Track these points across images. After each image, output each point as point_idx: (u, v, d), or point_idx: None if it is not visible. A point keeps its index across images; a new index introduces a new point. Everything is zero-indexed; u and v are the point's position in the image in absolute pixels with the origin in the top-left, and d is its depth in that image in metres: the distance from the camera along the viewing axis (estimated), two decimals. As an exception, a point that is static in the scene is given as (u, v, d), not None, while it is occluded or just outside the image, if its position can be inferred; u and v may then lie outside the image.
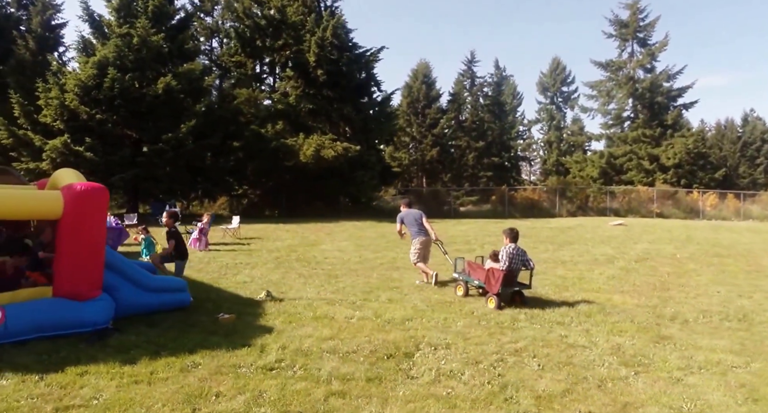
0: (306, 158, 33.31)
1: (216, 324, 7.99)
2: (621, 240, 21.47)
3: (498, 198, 43.32)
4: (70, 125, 28.74)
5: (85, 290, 7.41)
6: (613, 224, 28.81)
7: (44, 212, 7.35)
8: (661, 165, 45.39)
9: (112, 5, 32.02)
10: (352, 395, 5.46)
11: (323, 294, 10.55)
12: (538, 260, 15.56)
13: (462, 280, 10.88)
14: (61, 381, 5.59)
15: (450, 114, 61.90)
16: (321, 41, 36.47)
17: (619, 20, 51.35)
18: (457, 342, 7.38)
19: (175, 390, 5.42)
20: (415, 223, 12.26)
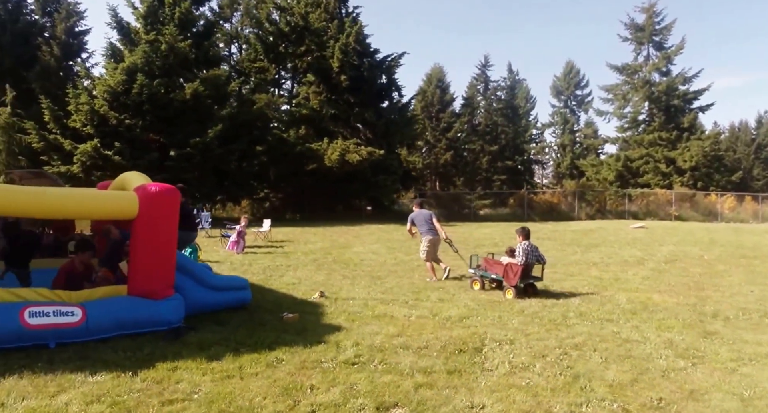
0: (331, 163, 33.75)
1: (282, 323, 8.29)
2: (646, 242, 21.70)
3: (517, 201, 43.51)
4: (100, 130, 29.26)
5: (159, 288, 7.66)
6: (634, 226, 29.01)
7: (121, 213, 7.57)
8: (678, 168, 45.49)
9: (138, 12, 32.54)
10: (438, 386, 5.77)
11: (373, 294, 10.87)
12: (569, 262, 16.01)
13: (478, 275, 11.70)
14: (155, 377, 5.81)
15: (463, 118, 62.17)
16: (345, 47, 36.94)
17: (634, 24, 51.49)
18: (519, 337, 7.72)
19: (269, 384, 5.69)
20: (426, 223, 13.09)
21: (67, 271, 8.10)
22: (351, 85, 37.98)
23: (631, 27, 51.64)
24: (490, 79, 67.29)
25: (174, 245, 7.95)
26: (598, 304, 10.19)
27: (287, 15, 39.88)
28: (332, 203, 38.31)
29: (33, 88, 36.44)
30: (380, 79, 40.98)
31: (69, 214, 7.97)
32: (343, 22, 39.95)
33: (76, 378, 5.68)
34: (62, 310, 6.87)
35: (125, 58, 30.62)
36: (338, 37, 37.69)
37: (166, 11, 32.32)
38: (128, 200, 7.47)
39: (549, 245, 20.64)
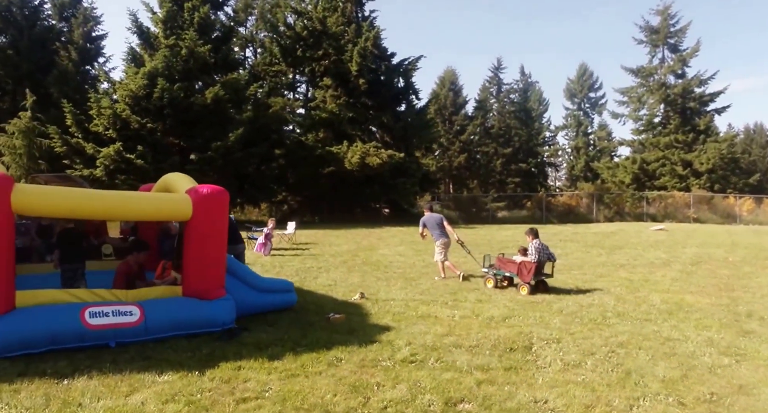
0: (351, 166, 33.94)
1: (330, 323, 8.42)
2: (668, 245, 21.73)
3: (535, 204, 43.54)
4: (122, 134, 29.59)
5: (212, 289, 7.81)
6: (654, 229, 28.99)
7: (177, 214, 7.73)
8: (695, 170, 45.32)
9: (157, 17, 32.83)
10: (498, 382, 5.95)
11: (411, 295, 10.99)
12: (596, 264, 16.12)
13: (491, 274, 12.23)
14: (222, 376, 5.93)
15: (476, 120, 62.25)
16: (363, 51, 37.16)
17: (649, 26, 51.36)
18: (564, 336, 7.89)
19: (335, 382, 5.83)
20: (437, 226, 13.56)
21: (125, 272, 8.24)
22: (369, 88, 38.24)
23: (645, 29, 51.51)
24: (503, 81, 67.44)
25: (225, 246, 8.09)
26: (633, 305, 10.34)
27: (305, 19, 40.06)
28: (351, 206, 38.47)
29: (51, 93, 36.81)
30: (398, 83, 41.17)
31: (128, 216, 8.12)
32: (361, 26, 40.15)
33: (145, 378, 5.81)
34: (121, 310, 7.02)
35: (146, 63, 30.90)
36: (356, 41, 37.87)
37: (185, 16, 32.56)
38: (183, 202, 7.60)
39: (572, 247, 20.75)
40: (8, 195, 6.38)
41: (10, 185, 6.42)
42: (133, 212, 7.71)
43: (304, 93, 45.79)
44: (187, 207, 7.59)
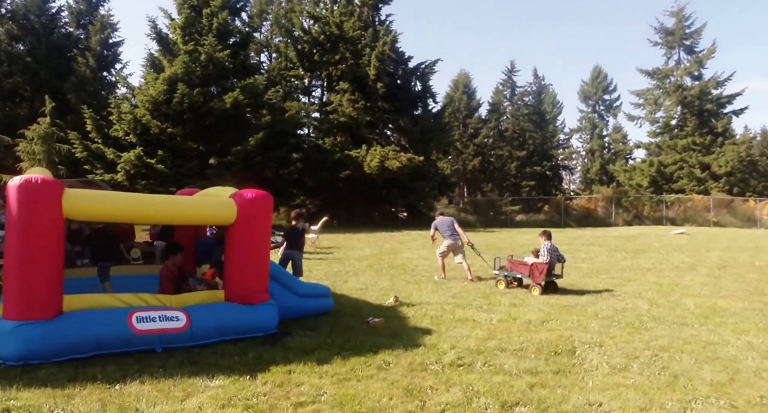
0: (371, 169, 33.98)
1: (370, 327, 8.45)
2: (692, 249, 21.63)
3: (553, 207, 43.44)
4: (142, 139, 29.80)
5: (256, 293, 7.81)
6: (675, 233, 28.81)
7: (222, 219, 7.72)
8: (713, 173, 44.99)
9: (176, 23, 33.07)
10: (549, 385, 5.97)
11: (444, 299, 11.01)
12: (622, 268, 16.10)
13: (502, 275, 12.68)
14: (274, 380, 5.93)
15: (490, 124, 62.24)
16: (381, 55, 37.23)
17: (664, 28, 51.17)
18: (605, 340, 7.88)
19: (388, 386, 5.85)
20: (448, 229, 14.13)
21: (169, 277, 8.28)
22: (387, 92, 38.32)
23: (660, 31, 51.30)
24: (516, 84, 67.40)
25: (268, 250, 8.13)
26: (667, 309, 10.33)
27: (322, 24, 40.18)
28: (368, 210, 38.53)
29: (68, 99, 37.10)
30: (415, 87, 41.23)
31: (175, 220, 8.16)
32: (377, 30, 40.28)
33: (197, 383, 5.83)
34: (168, 315, 7.03)
35: (165, 69, 31.11)
36: (373, 45, 37.99)
37: (203, 22, 32.76)
38: (227, 206, 7.65)
39: (596, 251, 20.68)
40: (60, 200, 6.44)
41: (61, 190, 6.49)
42: (179, 216, 7.77)
43: (319, 97, 45.89)
44: (232, 211, 7.62)
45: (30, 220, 6.33)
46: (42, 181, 6.41)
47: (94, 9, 44.89)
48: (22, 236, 6.34)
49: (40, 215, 6.36)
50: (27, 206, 6.31)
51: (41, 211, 6.37)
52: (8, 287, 6.42)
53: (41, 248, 6.39)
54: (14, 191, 6.31)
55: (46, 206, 6.39)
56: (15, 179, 6.42)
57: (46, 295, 6.42)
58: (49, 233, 6.42)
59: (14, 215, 6.36)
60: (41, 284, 6.37)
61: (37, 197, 6.35)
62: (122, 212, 7.23)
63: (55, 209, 6.42)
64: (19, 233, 6.34)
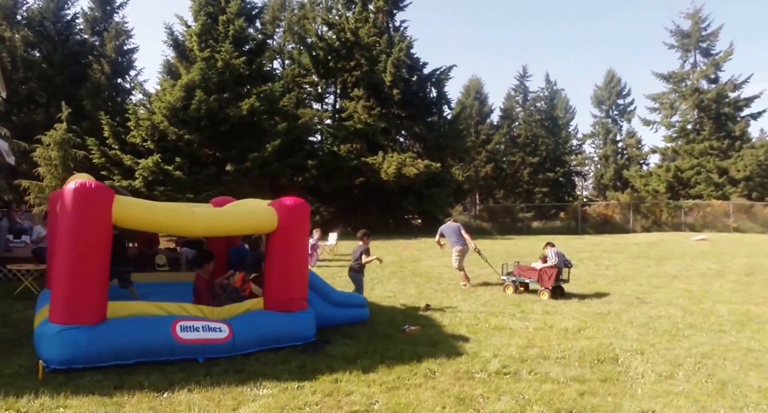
0: (388, 176, 33.96)
1: (407, 335, 8.38)
2: (716, 255, 21.40)
3: (571, 214, 43.23)
4: (160, 145, 29.89)
5: (295, 301, 7.78)
6: (696, 239, 28.51)
7: (263, 227, 7.72)
8: (731, 178, 44.38)
9: (192, 30, 33.19)
10: (599, 393, 5.94)
11: (475, 307, 10.97)
12: (648, 275, 16.02)
13: (510, 281, 13.05)
14: (323, 389, 5.87)
15: (502, 130, 62.12)
16: (397, 61, 37.26)
17: (680, 31, 50.70)
18: (646, 348, 7.85)
19: (438, 394, 5.79)
20: (454, 234, 14.26)
21: (205, 287, 8.25)
22: (402, 98, 38.30)
23: (676, 34, 50.82)
24: (528, 89, 67.24)
25: (307, 258, 8.10)
26: (701, 316, 10.28)
27: (337, 30, 40.26)
28: (383, 217, 38.48)
29: (84, 106, 37.29)
30: (430, 93, 41.21)
31: (219, 230, 8.12)
32: (392, 36, 40.35)
33: (246, 391, 5.77)
34: (211, 326, 7.02)
35: (182, 75, 31.22)
36: (389, 51, 38.02)
37: (219, 29, 32.85)
38: (268, 214, 7.64)
39: (619, 258, 20.52)
40: (110, 206, 6.48)
41: (112, 196, 6.53)
42: (223, 225, 7.75)
43: (332, 104, 45.93)
44: (273, 219, 7.60)
45: (82, 225, 6.37)
46: (96, 186, 6.47)
47: (109, 16, 45.10)
48: (74, 240, 6.36)
49: (91, 221, 6.41)
50: (80, 210, 6.36)
51: (93, 216, 6.42)
52: (56, 291, 6.44)
53: (91, 254, 6.41)
54: (68, 195, 6.36)
55: (98, 211, 6.44)
56: (71, 183, 6.48)
57: (93, 300, 6.45)
58: (99, 238, 6.45)
59: (67, 219, 6.41)
60: (89, 289, 6.40)
61: (90, 203, 6.40)
62: (168, 222, 7.26)
63: (106, 215, 6.47)
64: (71, 237, 6.38)
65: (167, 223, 7.28)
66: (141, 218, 6.97)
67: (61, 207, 6.47)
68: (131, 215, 6.78)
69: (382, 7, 40.63)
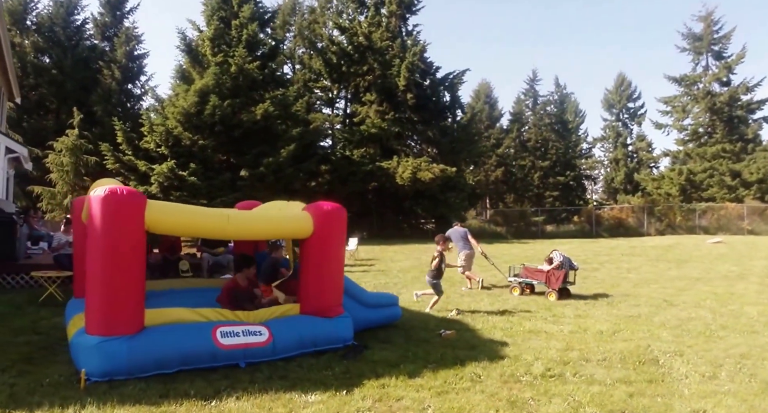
0: (403, 181, 33.98)
1: (443, 339, 8.35)
2: (734, 258, 21.31)
3: (585, 217, 43.15)
4: (174, 151, 29.95)
5: (332, 306, 7.73)
6: (712, 242, 28.38)
7: (298, 232, 7.63)
8: (744, 181, 44.19)
9: (204, 35, 33.27)
10: (647, 394, 5.92)
11: (505, 310, 10.96)
12: (671, 278, 16.02)
13: (517, 282, 13.48)
14: (371, 395, 5.78)
15: (512, 134, 62.07)
16: (411, 65, 37.32)
17: (692, 33, 50.64)
18: (683, 349, 7.85)
19: (489, 398, 5.75)
20: (461, 239, 14.80)
21: (231, 288, 8.23)
22: (416, 103, 38.35)
23: (688, 37, 50.75)
24: (538, 93, 67.13)
25: (343, 262, 8.07)
26: (731, 318, 10.29)
27: (350, 34, 40.34)
28: (398, 221, 38.46)
29: (94, 111, 37.48)
30: (443, 97, 41.23)
31: (254, 234, 8.10)
32: (405, 40, 40.45)
33: (295, 398, 5.67)
34: (251, 330, 6.93)
35: (196, 80, 31.31)
36: (403, 55, 38.11)
37: (232, 33, 32.93)
38: (304, 219, 7.58)
39: (638, 261, 20.44)
40: (143, 213, 6.32)
41: (144, 201, 6.37)
42: (258, 229, 7.66)
43: (343, 108, 45.97)
44: (308, 224, 7.55)
45: (115, 232, 6.15)
46: (128, 192, 6.28)
47: (119, 21, 45.38)
48: (107, 248, 6.16)
49: (125, 228, 6.20)
50: (113, 217, 6.14)
51: (126, 223, 6.22)
52: (91, 301, 6.27)
53: (126, 262, 6.23)
54: (98, 203, 6.14)
55: (131, 217, 6.24)
56: (98, 190, 6.25)
57: (130, 310, 6.28)
58: (133, 245, 6.27)
59: (98, 227, 6.17)
60: (126, 298, 6.23)
61: (123, 209, 6.19)
62: (202, 226, 7.15)
63: (139, 221, 6.29)
64: (104, 245, 6.17)
65: (201, 227, 7.15)
66: (174, 223, 6.81)
67: (91, 215, 6.26)
68: (164, 220, 6.63)
69: (395, 11, 40.76)
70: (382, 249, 26.11)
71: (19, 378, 6.07)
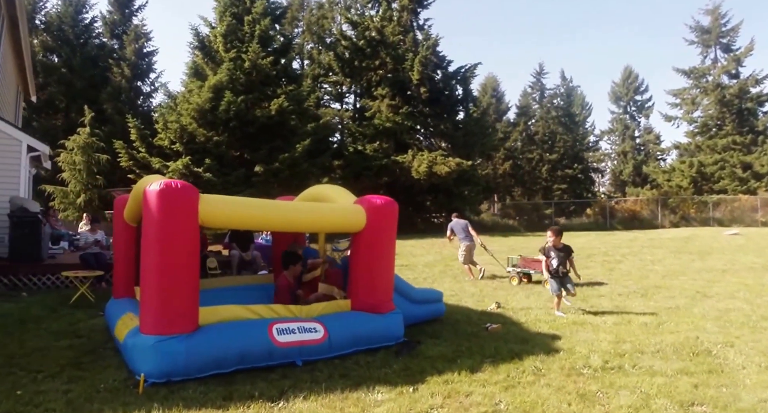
0: (419, 175, 33.99)
1: (490, 333, 8.35)
2: (755, 249, 21.20)
3: (598, 210, 43.10)
4: (189, 147, 29.94)
5: (384, 302, 7.69)
6: (729, 234, 28.25)
7: (351, 225, 7.56)
8: (755, 172, 44.11)
9: (217, 31, 33.23)
10: (711, 385, 5.92)
11: (542, 303, 10.95)
12: (697, 269, 16.09)
13: (515, 272, 14.14)
14: (440, 391, 5.70)
15: (519, 127, 62.05)
16: (425, 59, 37.28)
17: (700, 26, 50.72)
18: (732, 340, 7.85)
19: (557, 391, 5.74)
20: (462, 231, 15.30)
21: (286, 286, 8.23)
22: (429, 97, 38.35)
23: (696, 30, 50.81)
24: (545, 87, 67.07)
25: (394, 258, 8.03)
26: (767, 309, 10.25)
27: (362, 29, 40.32)
28: (412, 216, 38.38)
29: (104, 109, 37.55)
30: (456, 91, 41.21)
31: (307, 227, 8.09)
32: (417, 34, 40.50)
33: (362, 397, 5.58)
34: (306, 326, 6.83)
35: (209, 77, 31.29)
36: (416, 49, 38.11)
37: (245, 29, 32.88)
38: (357, 213, 7.52)
39: (660, 253, 20.37)
40: (196, 206, 6.21)
41: (197, 196, 6.26)
42: (312, 223, 7.61)
43: (353, 103, 45.93)
44: (361, 218, 7.50)
45: (171, 227, 6.05)
46: (182, 185, 6.16)
47: (128, 19, 45.55)
48: (162, 244, 6.04)
49: (180, 222, 6.10)
50: (168, 212, 6.05)
51: (182, 217, 6.11)
52: (146, 300, 6.15)
53: (182, 258, 6.12)
54: (154, 197, 6.03)
55: (185, 212, 6.12)
56: (154, 185, 6.13)
57: (187, 308, 6.19)
58: (188, 241, 6.17)
59: (153, 223, 6.07)
60: (182, 296, 6.12)
61: (178, 203, 6.10)
62: (256, 218, 7.03)
63: (193, 215, 6.18)
64: (159, 241, 6.05)
65: (255, 219, 7.02)
66: (227, 216, 6.69)
67: (147, 209, 6.15)
68: (218, 213, 6.50)
69: (407, 6, 40.68)
70: (399, 244, 25.72)
71: (72, 384, 5.91)
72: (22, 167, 15.75)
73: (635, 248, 22.11)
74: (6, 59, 17.77)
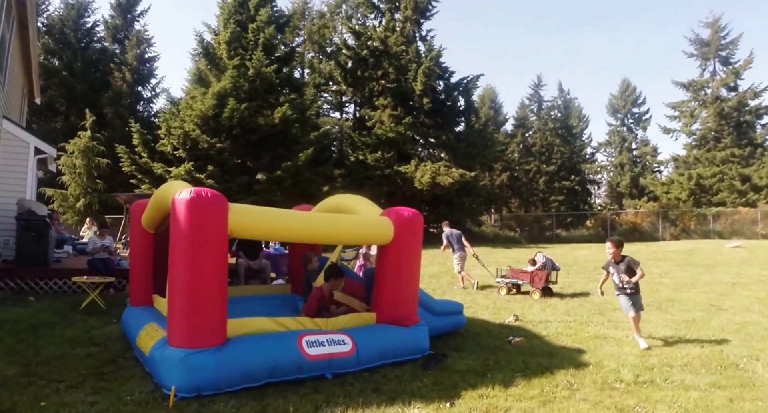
0: (422, 186, 33.94)
1: (514, 347, 8.31)
2: (760, 262, 21.22)
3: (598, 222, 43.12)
4: (191, 154, 29.82)
5: (409, 315, 7.64)
6: (732, 246, 28.30)
7: (378, 238, 7.53)
8: (754, 185, 44.14)
9: (220, 38, 33.19)
10: (746, 398, 5.95)
11: (560, 317, 10.95)
12: (706, 282, 16.10)
13: (504, 283, 14.60)
14: (476, 406, 5.63)
15: (516, 138, 62.14)
16: (428, 70, 37.32)
17: (699, 39, 50.76)
18: (757, 353, 7.92)
19: (595, 406, 5.70)
20: (457, 241, 15.88)
21: (319, 298, 8.15)
22: (431, 107, 38.31)
23: (695, 42, 50.85)
24: (543, 98, 67.21)
25: (419, 270, 7.96)
26: (787, 322, 10.27)
27: (365, 39, 40.31)
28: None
29: (105, 113, 37.52)
30: (458, 102, 41.18)
31: (336, 239, 7.95)
32: (419, 45, 40.56)
33: (398, 412, 5.52)
34: (335, 339, 6.74)
35: (213, 83, 31.24)
36: (418, 60, 38.08)
37: (249, 37, 32.85)
38: (385, 224, 7.49)
39: (666, 265, 20.40)
40: (226, 216, 6.13)
41: (226, 205, 6.18)
42: (340, 234, 7.57)
43: (353, 113, 45.90)
44: (389, 230, 7.47)
45: (201, 238, 5.94)
46: (212, 195, 6.07)
47: (130, 24, 45.64)
48: (192, 255, 5.94)
49: (210, 233, 5.99)
50: (198, 222, 5.95)
51: (212, 228, 6.00)
52: (174, 312, 6.05)
53: (211, 269, 6.02)
54: (183, 206, 5.94)
55: (216, 222, 6.05)
56: (183, 193, 6.02)
57: (216, 320, 6.09)
58: (218, 251, 6.07)
59: (182, 232, 5.94)
60: (211, 308, 6.03)
61: (209, 213, 6.00)
62: (285, 230, 6.96)
63: (223, 225, 6.09)
64: (188, 252, 5.94)
65: (283, 229, 6.94)
66: (257, 226, 6.60)
67: (175, 218, 6.03)
68: (247, 223, 6.42)
69: (410, 16, 40.69)
70: (403, 254, 25.91)
71: (97, 395, 5.73)
72: (29, 169, 15.69)
73: (640, 261, 22.01)
74: (14, 61, 17.68)
